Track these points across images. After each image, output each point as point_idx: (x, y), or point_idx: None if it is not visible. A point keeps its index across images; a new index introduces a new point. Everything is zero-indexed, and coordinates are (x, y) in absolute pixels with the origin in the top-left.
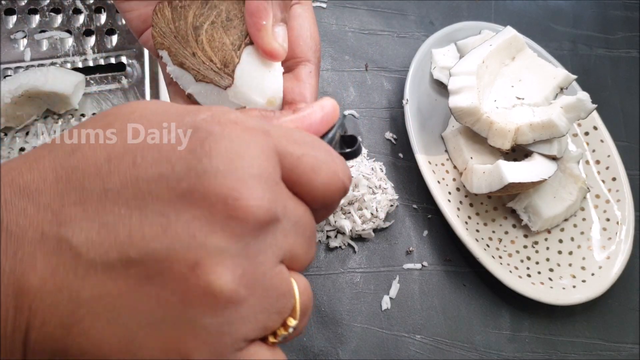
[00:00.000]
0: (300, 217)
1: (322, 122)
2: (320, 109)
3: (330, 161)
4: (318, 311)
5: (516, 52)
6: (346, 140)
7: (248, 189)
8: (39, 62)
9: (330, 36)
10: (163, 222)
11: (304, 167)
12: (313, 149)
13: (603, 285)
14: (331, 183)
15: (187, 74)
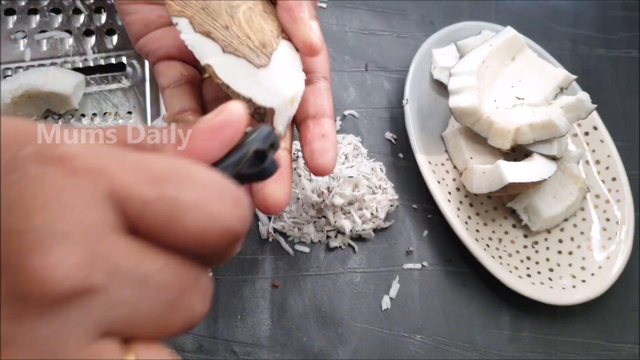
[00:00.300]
0: (149, 275)
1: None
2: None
3: (203, 203)
4: (318, 311)
5: (516, 52)
6: (261, 157)
7: (43, 254)
8: (39, 62)
9: (330, 36)
10: None
11: (155, 215)
12: (177, 188)
13: (603, 285)
14: (205, 231)
15: (213, 43)
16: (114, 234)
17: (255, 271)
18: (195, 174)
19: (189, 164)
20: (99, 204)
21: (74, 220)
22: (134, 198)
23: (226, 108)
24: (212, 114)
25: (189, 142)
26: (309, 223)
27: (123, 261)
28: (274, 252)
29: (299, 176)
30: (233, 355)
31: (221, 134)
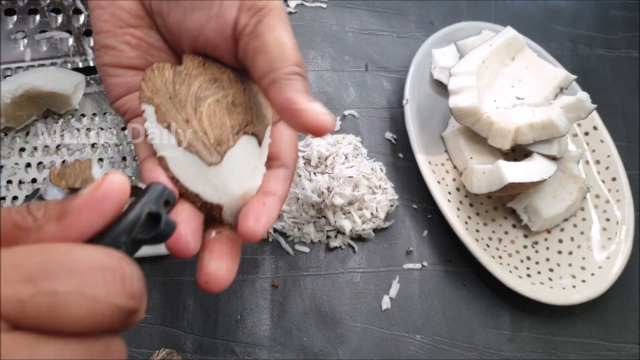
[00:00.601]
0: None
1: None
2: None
3: (86, 287)
4: (318, 311)
5: (516, 52)
6: (155, 218)
7: None
8: (39, 62)
9: (330, 36)
10: None
11: (34, 311)
12: (54, 281)
13: (603, 285)
14: (93, 314)
15: (170, 136)
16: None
17: (255, 271)
18: (71, 260)
19: (65, 250)
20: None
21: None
22: (8, 301)
23: (106, 180)
24: (92, 186)
25: (70, 217)
26: (309, 223)
27: (12, 357)
28: (274, 252)
29: (299, 176)
30: (233, 355)
31: (101, 206)
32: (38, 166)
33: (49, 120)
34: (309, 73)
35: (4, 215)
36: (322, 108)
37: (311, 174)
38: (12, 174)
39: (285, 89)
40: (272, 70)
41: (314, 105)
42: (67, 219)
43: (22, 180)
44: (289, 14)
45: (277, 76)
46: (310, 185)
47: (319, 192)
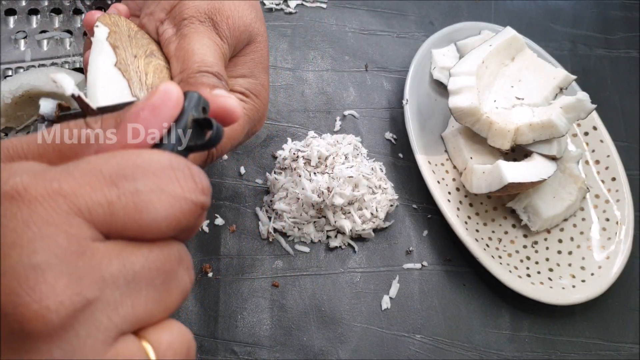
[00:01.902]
0: (138, 270)
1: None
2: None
3: (164, 185)
4: (318, 311)
5: (516, 52)
6: (202, 123)
7: (29, 291)
8: (39, 62)
9: (330, 36)
10: None
11: (122, 212)
12: (134, 181)
13: (603, 285)
14: (173, 211)
15: (112, 53)
16: (90, 245)
17: (255, 271)
18: (145, 161)
19: (134, 154)
20: (67, 222)
21: (48, 247)
22: (97, 205)
23: (161, 87)
24: (147, 96)
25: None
26: (309, 223)
27: (107, 268)
28: (274, 252)
29: (299, 176)
30: (233, 355)
31: (158, 113)
32: None
33: None
34: (309, 73)
35: (62, 129)
36: (226, 93)
37: (311, 174)
38: None
39: (189, 85)
40: (181, 71)
41: (217, 92)
42: (125, 125)
43: None
44: (289, 14)
45: (184, 76)
46: (310, 185)
47: (319, 192)
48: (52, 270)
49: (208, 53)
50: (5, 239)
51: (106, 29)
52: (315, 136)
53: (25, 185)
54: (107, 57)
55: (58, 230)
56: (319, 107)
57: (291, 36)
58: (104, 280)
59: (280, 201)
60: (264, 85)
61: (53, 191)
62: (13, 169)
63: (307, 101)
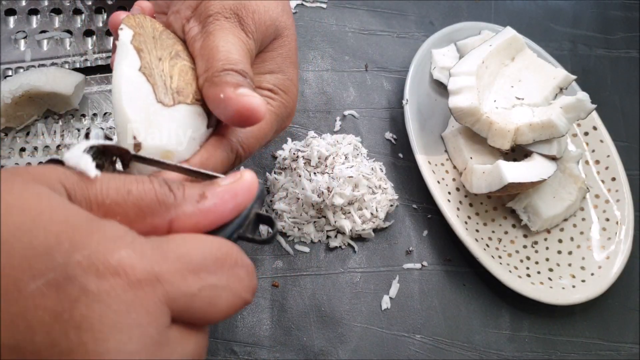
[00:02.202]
0: (188, 357)
1: (233, 212)
2: (233, 196)
3: (232, 283)
4: (318, 311)
5: (516, 52)
6: (263, 218)
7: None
8: (39, 62)
9: (330, 36)
10: None
11: (199, 304)
12: (212, 275)
13: (602, 285)
14: (231, 308)
15: (137, 57)
16: (167, 335)
17: (255, 271)
18: (223, 255)
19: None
20: (159, 312)
21: (141, 338)
22: (183, 295)
23: (244, 174)
24: (230, 178)
25: (210, 202)
26: (309, 223)
27: (173, 356)
28: (274, 252)
29: (299, 176)
30: (233, 355)
31: (239, 199)
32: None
33: (49, 121)
34: (309, 73)
35: (146, 187)
36: (250, 92)
37: (311, 174)
38: None
39: (214, 84)
40: (206, 69)
41: (242, 90)
42: (207, 203)
43: None
44: None
45: (209, 75)
46: (310, 185)
47: (319, 192)
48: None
49: (233, 50)
50: (107, 320)
51: (130, 32)
52: (315, 136)
53: (132, 264)
54: (132, 62)
55: (152, 320)
56: (319, 107)
57: None
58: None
59: (280, 201)
60: (293, 80)
61: (154, 276)
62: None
63: (307, 101)
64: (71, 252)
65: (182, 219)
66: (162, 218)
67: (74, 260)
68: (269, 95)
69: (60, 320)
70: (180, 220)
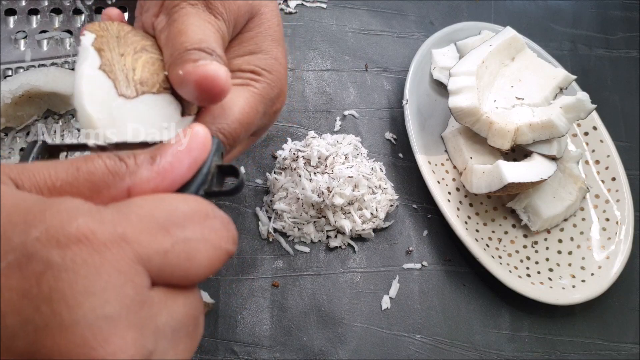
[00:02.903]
0: (179, 319)
1: (191, 168)
2: (187, 151)
3: (207, 235)
4: (318, 311)
5: (516, 52)
6: (225, 170)
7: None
8: (39, 62)
9: (330, 36)
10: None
11: (176, 260)
12: (182, 229)
13: (602, 285)
14: (213, 260)
15: (97, 56)
16: (148, 295)
17: (255, 271)
18: (190, 209)
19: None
20: (133, 272)
21: (118, 298)
22: (155, 253)
23: (193, 128)
24: (181, 135)
25: (163, 163)
26: (309, 223)
27: (160, 318)
28: (274, 252)
29: (299, 176)
30: (233, 355)
31: (191, 154)
32: None
33: (49, 121)
34: (309, 73)
35: (95, 162)
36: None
37: (311, 174)
38: None
39: (175, 65)
40: (170, 56)
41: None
42: (161, 164)
43: None
44: (289, 14)
45: (172, 59)
46: (310, 185)
47: (319, 192)
48: (123, 322)
49: (197, 31)
50: (77, 286)
51: (92, 35)
52: (315, 136)
53: (92, 230)
54: (92, 62)
55: (126, 280)
56: (319, 107)
57: (291, 36)
58: (158, 331)
59: (280, 201)
60: (278, 59)
61: (119, 237)
62: (67, 207)
63: (307, 101)
64: (27, 230)
65: (139, 185)
66: (118, 188)
67: (31, 238)
68: (251, 77)
69: (28, 297)
70: (138, 187)
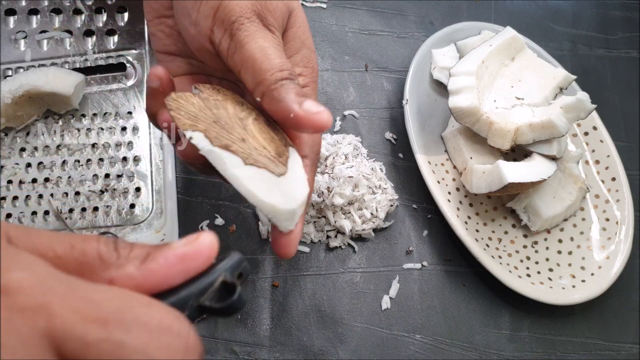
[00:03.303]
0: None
1: (181, 275)
2: (180, 259)
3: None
4: (318, 311)
5: (516, 52)
6: (230, 288)
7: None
8: (39, 62)
9: (330, 36)
10: None
11: (97, 356)
12: (126, 332)
13: (603, 285)
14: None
15: (233, 156)
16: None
17: (255, 271)
18: (146, 315)
19: (141, 302)
20: (32, 343)
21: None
22: (75, 338)
23: (198, 238)
24: (184, 241)
25: (154, 265)
26: (309, 223)
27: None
28: (274, 252)
29: None
30: (233, 355)
31: (188, 264)
32: (38, 166)
33: (49, 121)
34: None
35: (90, 244)
36: (316, 106)
37: None
38: (13, 174)
39: (275, 99)
40: (258, 84)
41: (307, 106)
42: (150, 265)
43: (22, 180)
44: None
45: (264, 89)
46: None
47: (319, 192)
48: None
49: (273, 55)
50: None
51: (199, 134)
52: None
53: (17, 288)
54: (233, 162)
55: (22, 345)
56: None
57: None
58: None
59: None
60: (312, 49)
61: (39, 306)
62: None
63: None
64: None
65: (122, 279)
66: (100, 276)
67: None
68: (304, 80)
69: None
70: (120, 281)
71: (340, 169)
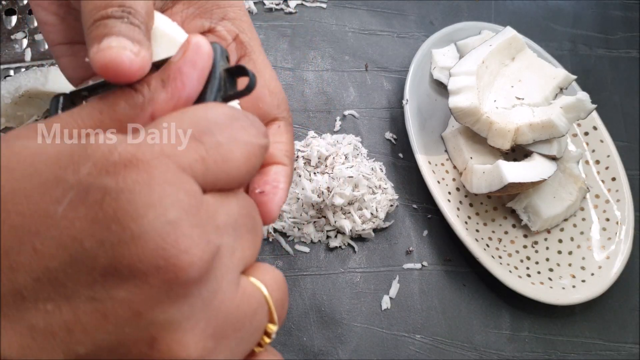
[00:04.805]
0: (236, 217)
1: (200, 80)
2: (192, 65)
3: (237, 134)
4: (318, 311)
5: (516, 52)
6: (233, 72)
7: (173, 244)
8: (39, 62)
9: (330, 36)
10: (99, 307)
11: (214, 164)
12: (213, 135)
13: (603, 285)
14: (249, 157)
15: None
16: (201, 199)
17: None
18: (213, 116)
19: (201, 110)
20: (180, 180)
21: (175, 205)
22: (194, 161)
23: (192, 41)
24: (179, 52)
25: (174, 80)
26: (309, 223)
27: (219, 217)
28: (274, 252)
29: (299, 176)
30: None
31: (198, 64)
32: None
33: None
34: (309, 73)
35: (114, 100)
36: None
37: (311, 174)
38: None
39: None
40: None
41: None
42: (171, 82)
43: None
44: (289, 14)
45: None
46: (310, 185)
47: (319, 192)
48: (185, 223)
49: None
50: (136, 202)
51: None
52: (315, 136)
53: (133, 153)
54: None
55: (177, 188)
56: (319, 107)
57: (291, 36)
58: (220, 228)
59: None
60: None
61: (156, 156)
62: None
63: (307, 101)
64: (77, 170)
65: (159, 109)
66: (142, 117)
67: (83, 175)
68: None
69: (97, 221)
70: (159, 111)
71: (340, 169)
